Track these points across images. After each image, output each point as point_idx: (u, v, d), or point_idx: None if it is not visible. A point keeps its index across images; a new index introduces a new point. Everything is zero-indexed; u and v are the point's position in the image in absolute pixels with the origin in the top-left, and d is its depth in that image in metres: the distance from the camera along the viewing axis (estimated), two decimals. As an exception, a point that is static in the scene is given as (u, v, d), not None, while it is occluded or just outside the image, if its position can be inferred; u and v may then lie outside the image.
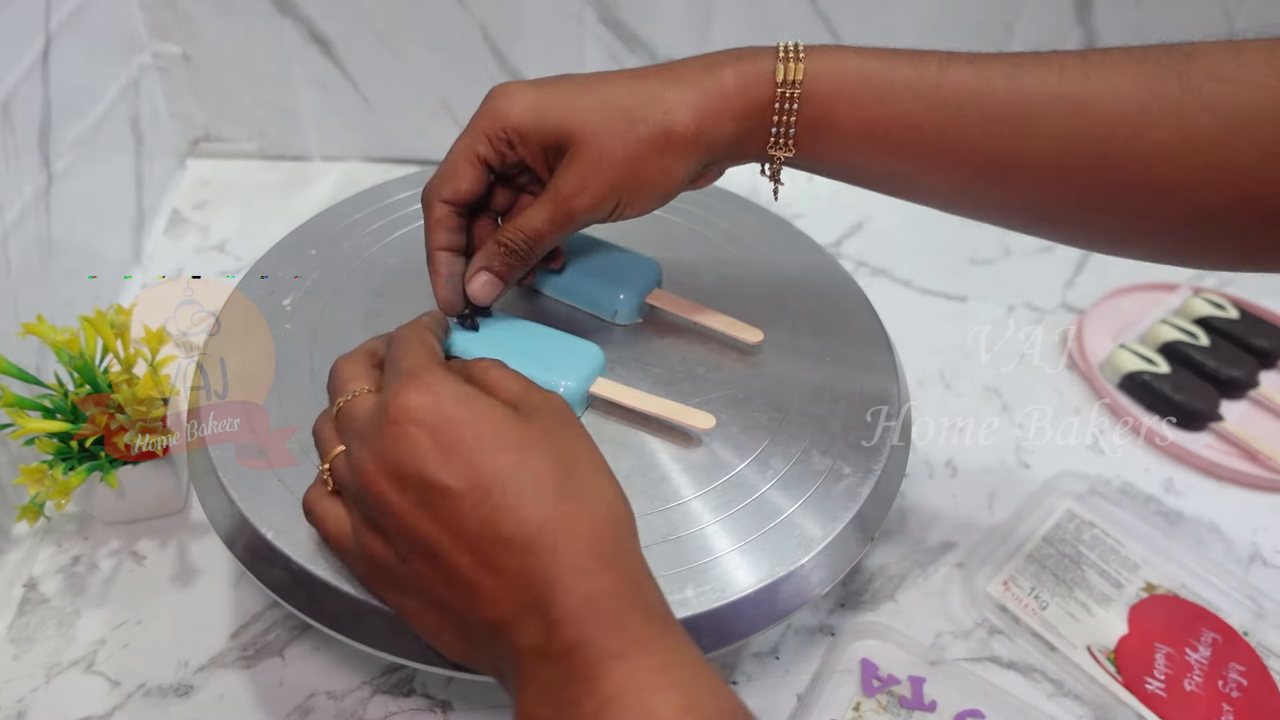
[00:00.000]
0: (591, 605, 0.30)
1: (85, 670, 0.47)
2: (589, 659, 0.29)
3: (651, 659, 0.29)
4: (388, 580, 0.35)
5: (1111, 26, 0.77)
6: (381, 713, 0.46)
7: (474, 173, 0.43)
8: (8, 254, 0.53)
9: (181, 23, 0.70)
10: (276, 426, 0.45)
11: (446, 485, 0.31)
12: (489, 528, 0.31)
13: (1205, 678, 0.49)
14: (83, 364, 0.48)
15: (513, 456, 0.32)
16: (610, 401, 0.45)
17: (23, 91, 0.55)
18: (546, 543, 0.31)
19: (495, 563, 0.31)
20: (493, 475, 0.32)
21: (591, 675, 0.29)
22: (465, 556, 0.31)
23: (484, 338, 0.45)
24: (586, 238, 0.53)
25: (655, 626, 0.31)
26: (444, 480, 0.31)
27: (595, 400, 0.46)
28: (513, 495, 0.31)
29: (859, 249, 0.75)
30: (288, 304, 0.51)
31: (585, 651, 0.29)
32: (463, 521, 0.31)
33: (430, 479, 0.32)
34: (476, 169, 0.42)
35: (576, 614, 0.30)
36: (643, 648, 0.30)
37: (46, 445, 0.47)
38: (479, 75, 0.74)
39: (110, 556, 0.52)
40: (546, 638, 0.30)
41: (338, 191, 0.76)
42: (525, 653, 0.30)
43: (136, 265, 0.69)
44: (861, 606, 0.51)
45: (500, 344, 0.45)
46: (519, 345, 0.45)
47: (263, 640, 0.48)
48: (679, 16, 0.73)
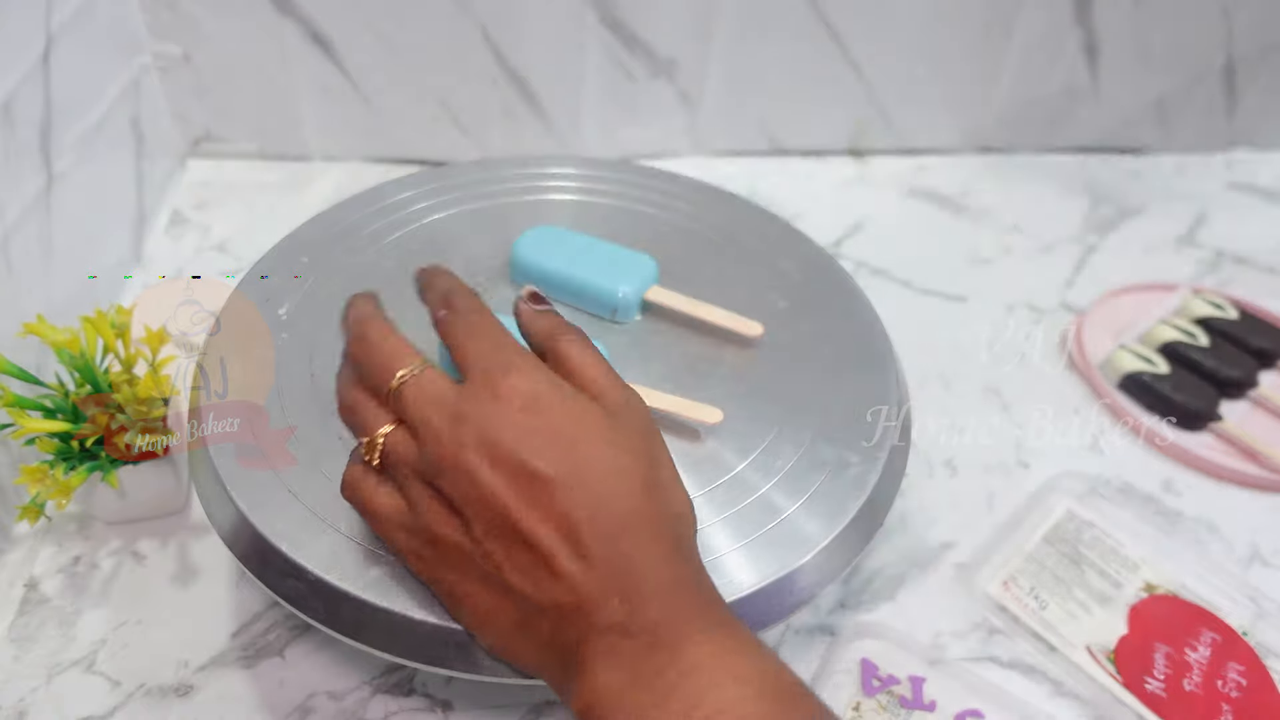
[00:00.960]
0: (675, 587, 0.33)
1: (86, 670, 0.47)
2: (673, 632, 0.32)
3: (729, 634, 0.32)
4: (448, 561, 0.35)
5: (1111, 27, 0.77)
6: (382, 712, 0.46)
7: None
8: (8, 254, 0.53)
9: (182, 23, 0.70)
10: (276, 427, 0.45)
11: (544, 470, 0.33)
12: (582, 514, 0.32)
13: (1204, 677, 0.49)
14: (83, 364, 0.48)
15: (608, 451, 0.34)
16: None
17: (23, 92, 0.55)
18: (634, 532, 0.33)
19: (584, 549, 0.32)
20: (588, 466, 0.33)
21: (676, 645, 0.31)
22: (553, 541, 0.32)
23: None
24: (582, 236, 0.53)
25: (726, 614, 0.34)
26: (543, 465, 0.33)
27: None
28: (606, 486, 0.33)
29: (859, 249, 0.75)
30: (285, 309, 0.51)
31: (669, 626, 0.32)
32: (556, 507, 0.32)
33: (529, 462, 0.33)
34: None
35: (661, 593, 0.32)
36: (721, 623, 0.33)
37: (47, 445, 0.47)
38: (479, 75, 0.74)
39: (111, 556, 0.52)
40: (628, 615, 0.32)
41: (338, 192, 0.76)
42: (603, 630, 0.32)
43: (137, 265, 0.69)
44: (861, 606, 0.51)
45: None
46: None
47: (263, 640, 0.48)
48: (679, 18, 0.73)
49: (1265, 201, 0.83)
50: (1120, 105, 0.83)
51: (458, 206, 0.58)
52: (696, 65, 0.76)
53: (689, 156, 0.82)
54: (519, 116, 0.77)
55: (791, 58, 0.77)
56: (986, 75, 0.80)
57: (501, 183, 0.60)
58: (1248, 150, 0.87)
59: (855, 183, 0.82)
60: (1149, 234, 0.78)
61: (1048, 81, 0.81)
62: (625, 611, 0.32)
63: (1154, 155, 0.86)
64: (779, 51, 0.77)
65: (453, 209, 0.58)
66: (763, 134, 0.82)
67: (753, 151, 0.83)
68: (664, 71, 0.76)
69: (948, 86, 0.81)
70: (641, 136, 0.80)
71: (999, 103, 0.82)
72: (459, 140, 0.77)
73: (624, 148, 0.81)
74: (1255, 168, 0.86)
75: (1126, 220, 0.80)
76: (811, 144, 0.83)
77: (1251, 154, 0.87)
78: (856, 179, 0.82)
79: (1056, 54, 0.79)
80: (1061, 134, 0.84)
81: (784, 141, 0.83)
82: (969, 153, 0.85)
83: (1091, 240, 0.77)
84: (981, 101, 0.82)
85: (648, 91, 0.77)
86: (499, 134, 0.78)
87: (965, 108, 0.82)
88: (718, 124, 0.80)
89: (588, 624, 0.32)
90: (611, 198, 0.59)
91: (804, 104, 0.81)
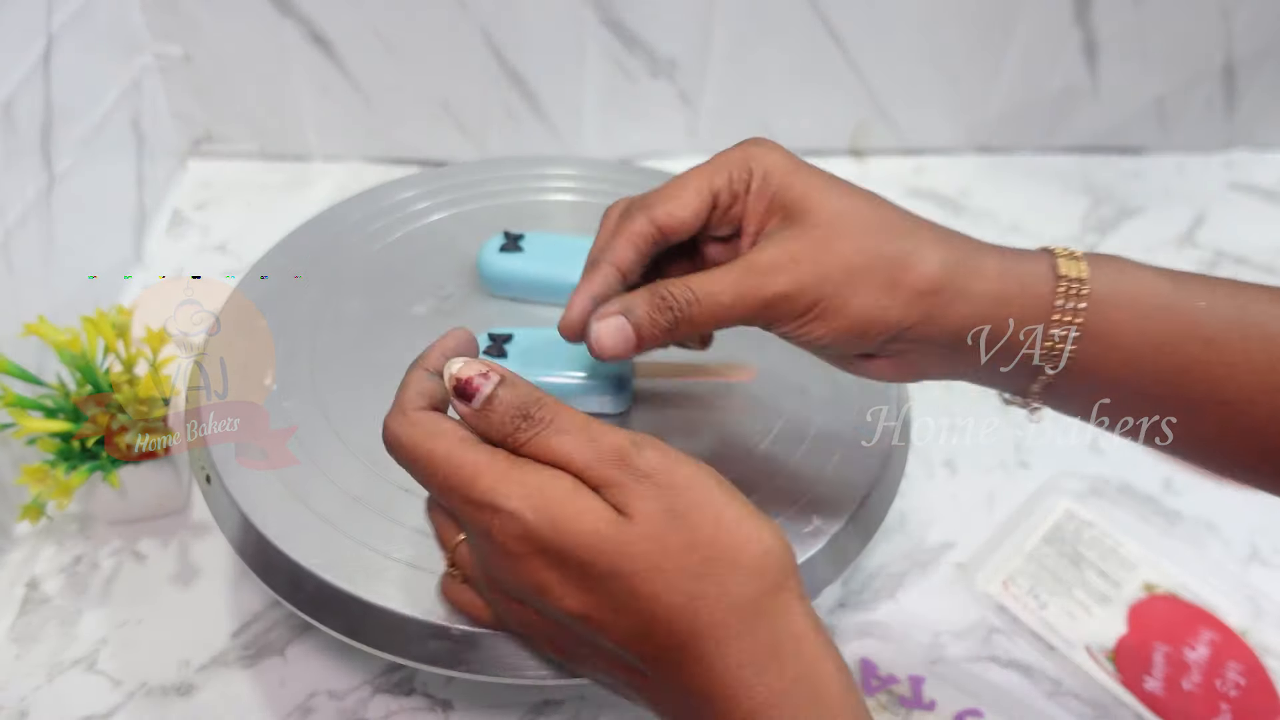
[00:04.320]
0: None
1: (87, 669, 0.47)
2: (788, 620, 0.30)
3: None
4: (546, 640, 0.34)
5: (1111, 27, 0.77)
6: (382, 712, 0.46)
7: (697, 203, 0.36)
8: (10, 254, 0.53)
9: (183, 24, 0.71)
10: (277, 427, 0.45)
11: (585, 611, 0.30)
12: (642, 620, 0.30)
13: (1203, 677, 0.49)
14: (84, 364, 0.48)
15: (647, 546, 0.30)
16: (650, 380, 0.45)
17: (24, 92, 0.55)
18: (700, 623, 0.29)
19: (649, 650, 0.30)
20: (631, 590, 0.30)
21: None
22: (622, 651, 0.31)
23: (509, 363, 0.45)
24: (554, 237, 0.53)
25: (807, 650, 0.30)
26: (578, 607, 0.30)
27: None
28: (659, 585, 0.29)
29: (859, 249, 0.75)
30: (287, 305, 0.51)
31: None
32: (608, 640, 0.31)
33: (566, 609, 0.31)
34: (702, 199, 0.36)
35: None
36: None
37: (48, 445, 0.47)
38: (479, 76, 0.74)
39: (112, 556, 0.52)
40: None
41: (338, 192, 0.76)
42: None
43: (138, 265, 0.69)
44: (861, 606, 0.52)
45: (530, 357, 0.45)
46: (550, 354, 0.45)
47: (264, 639, 0.48)
48: (679, 18, 0.73)
49: (1265, 202, 0.83)
50: (1120, 105, 0.83)
51: (458, 206, 0.58)
52: (696, 65, 0.76)
53: (689, 156, 0.82)
54: (519, 117, 0.77)
55: (791, 58, 0.77)
56: (986, 75, 0.80)
57: (501, 183, 0.60)
58: (1247, 150, 0.87)
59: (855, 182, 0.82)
60: (1148, 234, 0.78)
61: (1047, 81, 0.81)
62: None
63: (1154, 155, 0.86)
64: (779, 51, 0.77)
65: (453, 209, 0.58)
66: (763, 134, 0.81)
67: (753, 151, 0.83)
68: (664, 71, 0.76)
69: (948, 86, 0.81)
70: (641, 136, 0.81)
71: (999, 103, 0.82)
72: (459, 140, 0.78)
73: (624, 148, 0.81)
74: (1255, 168, 0.86)
75: (1126, 220, 0.80)
76: (811, 144, 0.83)
77: (1251, 154, 0.87)
78: (856, 179, 0.82)
79: (1056, 54, 0.79)
80: (1061, 134, 0.84)
81: (784, 142, 0.82)
82: (969, 153, 0.85)
83: (1091, 240, 0.77)
84: (981, 102, 0.82)
85: (648, 91, 0.77)
86: (499, 134, 0.78)
87: (965, 108, 0.82)
88: (718, 124, 0.80)
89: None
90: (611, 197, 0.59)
91: (804, 104, 0.81)
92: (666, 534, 0.30)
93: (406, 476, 0.34)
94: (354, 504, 0.42)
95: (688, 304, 0.35)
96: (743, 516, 0.30)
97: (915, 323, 0.35)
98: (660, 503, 0.30)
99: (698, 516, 0.30)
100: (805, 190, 0.36)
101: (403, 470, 0.33)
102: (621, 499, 0.30)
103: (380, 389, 0.46)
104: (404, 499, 0.42)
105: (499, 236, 0.52)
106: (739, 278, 0.35)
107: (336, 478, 0.43)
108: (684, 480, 0.31)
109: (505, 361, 0.45)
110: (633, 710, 0.35)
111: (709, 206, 0.36)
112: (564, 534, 0.30)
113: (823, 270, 0.34)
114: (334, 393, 0.46)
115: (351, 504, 0.42)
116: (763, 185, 0.36)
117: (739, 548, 0.30)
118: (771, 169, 0.36)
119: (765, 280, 0.34)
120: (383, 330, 0.50)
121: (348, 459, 0.44)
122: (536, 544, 0.30)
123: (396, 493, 0.42)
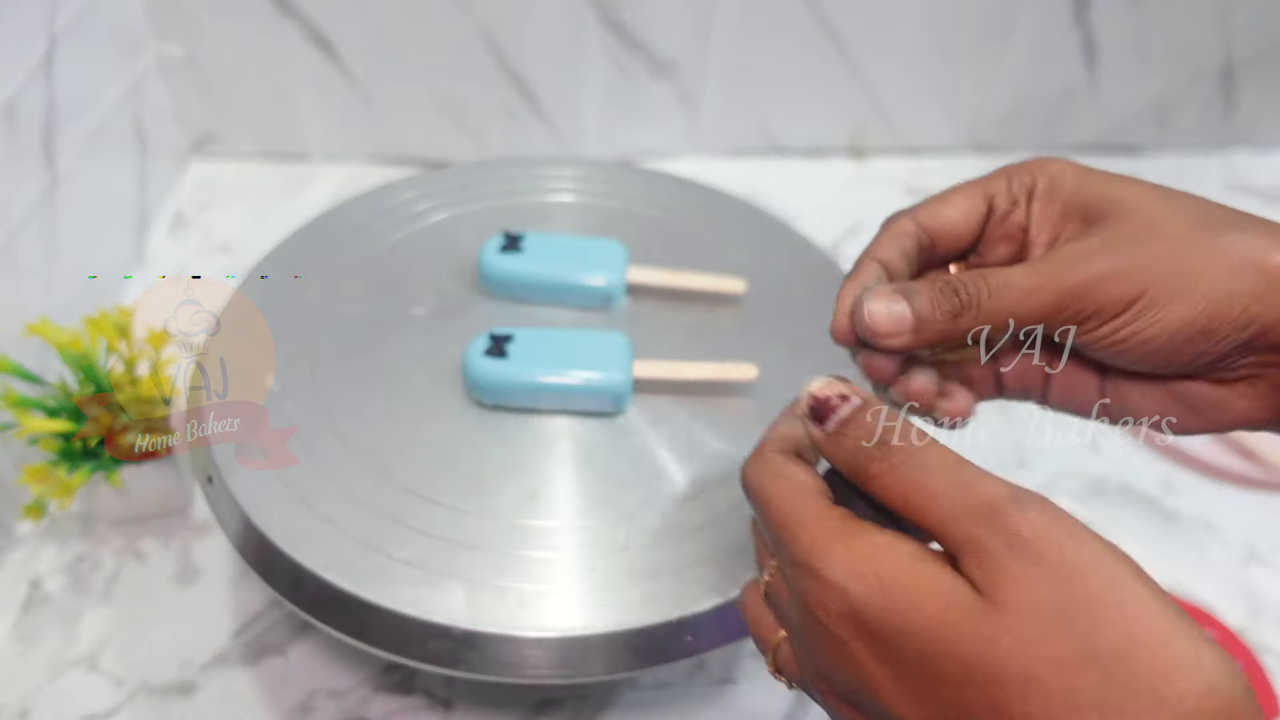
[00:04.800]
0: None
1: (89, 669, 0.47)
2: None
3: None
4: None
5: (1110, 27, 0.77)
6: (383, 711, 0.46)
7: (967, 204, 0.32)
8: (12, 254, 0.53)
9: (184, 24, 0.71)
10: (277, 427, 0.45)
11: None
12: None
13: (1202, 676, 0.49)
14: (86, 364, 0.49)
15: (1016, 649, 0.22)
16: (649, 381, 0.45)
17: (26, 93, 0.55)
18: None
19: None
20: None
21: None
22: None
23: (510, 363, 0.45)
24: (554, 237, 0.53)
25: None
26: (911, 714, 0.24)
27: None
28: (1034, 704, 0.22)
29: (858, 249, 0.74)
30: (288, 305, 0.51)
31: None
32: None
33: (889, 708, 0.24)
34: (972, 200, 0.32)
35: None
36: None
37: (50, 445, 0.47)
38: (479, 76, 0.74)
39: (113, 555, 0.52)
40: None
41: (339, 192, 0.76)
42: None
43: (139, 266, 0.70)
44: (860, 605, 0.52)
45: (530, 357, 0.45)
46: (551, 354, 0.45)
47: (265, 638, 0.49)
48: (679, 18, 0.73)
49: (1263, 202, 0.83)
50: (1119, 105, 0.83)
51: (458, 207, 0.58)
52: (696, 65, 0.77)
53: (689, 157, 0.82)
54: (519, 117, 0.77)
55: (791, 58, 0.77)
56: (986, 75, 0.80)
57: (501, 183, 0.60)
58: (1246, 150, 0.87)
59: (854, 183, 0.82)
60: (1148, 234, 0.78)
61: (1047, 82, 0.81)
62: None
63: (1152, 155, 0.86)
64: (779, 51, 0.77)
65: (453, 209, 0.58)
66: (762, 134, 0.82)
67: (752, 151, 0.83)
68: (664, 72, 0.76)
69: (947, 86, 0.81)
70: (641, 137, 0.81)
71: (998, 103, 0.82)
72: (459, 140, 0.78)
73: (624, 148, 0.81)
74: (1254, 168, 0.86)
75: (1125, 220, 0.80)
76: (811, 144, 0.83)
77: (1250, 154, 0.87)
78: (856, 179, 0.83)
79: (1056, 54, 0.79)
80: (1060, 134, 0.85)
81: (783, 141, 0.83)
82: (968, 153, 0.85)
83: (1090, 240, 0.77)
84: (981, 101, 0.82)
85: (648, 92, 0.77)
86: (499, 134, 0.78)
87: (964, 108, 0.82)
88: (717, 124, 0.81)
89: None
90: (611, 198, 0.59)
91: (803, 104, 0.81)
92: (1048, 633, 0.22)
93: (408, 476, 0.34)
94: (355, 504, 0.42)
95: (977, 290, 0.29)
96: (1175, 630, 0.21)
97: (1278, 319, 0.28)
98: (1044, 588, 0.22)
99: (1101, 617, 0.21)
100: (1106, 186, 0.30)
101: (403, 470, 0.32)
102: (987, 575, 0.23)
103: (381, 388, 0.47)
104: (405, 499, 0.42)
105: (499, 237, 0.52)
106: (1040, 267, 0.29)
107: (337, 478, 0.43)
108: (1084, 561, 0.22)
109: (505, 361, 0.45)
110: (633, 710, 0.35)
111: (981, 211, 0.32)
112: (899, 617, 0.23)
113: (1150, 252, 0.28)
114: (334, 393, 0.47)
115: (352, 504, 0.42)
116: (1051, 188, 0.31)
117: (1164, 675, 0.21)
118: (1060, 173, 0.31)
119: (1073, 267, 0.29)
120: (383, 330, 0.50)
121: (348, 459, 0.44)
122: (863, 627, 0.24)
123: (398, 493, 0.42)
